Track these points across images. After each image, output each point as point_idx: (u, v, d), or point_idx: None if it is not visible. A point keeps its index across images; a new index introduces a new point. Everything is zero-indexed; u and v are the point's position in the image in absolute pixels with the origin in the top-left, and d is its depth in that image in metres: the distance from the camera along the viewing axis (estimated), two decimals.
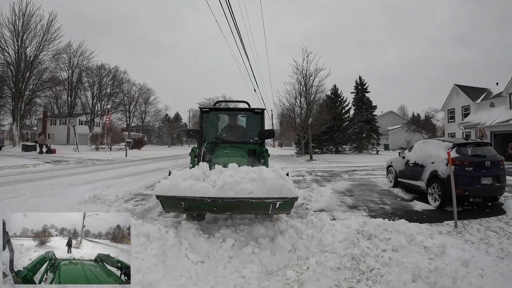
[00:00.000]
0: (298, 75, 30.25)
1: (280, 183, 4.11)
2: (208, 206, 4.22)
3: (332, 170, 17.87)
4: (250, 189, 4.10)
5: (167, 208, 4.47)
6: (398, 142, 49.27)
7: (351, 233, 3.72)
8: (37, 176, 13.39)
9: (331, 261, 3.25)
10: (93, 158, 26.14)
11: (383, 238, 3.38)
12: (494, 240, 5.29)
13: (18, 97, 40.33)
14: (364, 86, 41.59)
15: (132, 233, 3.38)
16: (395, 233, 3.45)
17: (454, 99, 33.97)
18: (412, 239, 3.34)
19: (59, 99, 61.22)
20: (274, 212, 4.36)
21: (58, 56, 46.34)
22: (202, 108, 7.32)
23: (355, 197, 9.10)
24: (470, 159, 7.47)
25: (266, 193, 4.08)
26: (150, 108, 72.04)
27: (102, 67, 60.29)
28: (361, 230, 3.62)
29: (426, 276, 2.90)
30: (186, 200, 4.11)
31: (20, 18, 39.38)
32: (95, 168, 18.12)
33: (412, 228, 3.61)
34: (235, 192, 4.10)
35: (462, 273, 3.00)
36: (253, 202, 4.12)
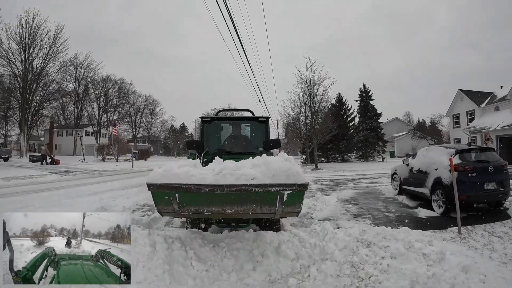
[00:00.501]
0: (302, 84, 30.38)
1: (286, 166, 3.69)
2: (206, 198, 3.75)
3: (338, 179, 17.86)
4: (253, 174, 3.68)
5: (159, 205, 3.92)
6: (404, 149, 49.02)
7: (351, 241, 3.78)
8: (45, 187, 13.57)
9: (332, 269, 3.33)
10: (99, 169, 26.38)
11: (382, 245, 3.45)
12: (498, 245, 5.28)
13: (25, 109, 40.76)
14: (368, 93, 41.70)
15: (139, 242, 3.47)
16: (393, 240, 3.52)
17: (458, 104, 33.89)
18: (410, 246, 3.41)
19: (65, 110, 61.95)
20: (282, 209, 3.81)
21: (65, 68, 46.83)
22: (203, 118, 6.99)
23: (359, 206, 9.11)
24: (473, 165, 7.48)
25: (271, 179, 3.63)
26: (156, 119, 72.65)
27: (108, 78, 60.98)
28: (360, 238, 3.69)
29: (424, 282, 2.96)
30: (180, 190, 3.64)
31: (27, 30, 39.99)
32: (101, 179, 18.29)
33: (411, 235, 3.68)
34: (235, 178, 3.67)
35: (461, 279, 3.05)
36: (257, 192, 3.62)
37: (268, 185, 3.55)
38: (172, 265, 3.72)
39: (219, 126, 7.14)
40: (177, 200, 3.72)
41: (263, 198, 3.73)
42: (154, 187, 3.62)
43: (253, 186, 3.57)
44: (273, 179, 3.59)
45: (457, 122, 34.32)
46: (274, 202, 3.70)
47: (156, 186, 3.62)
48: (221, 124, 7.20)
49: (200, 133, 6.86)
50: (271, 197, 3.67)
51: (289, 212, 3.99)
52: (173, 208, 3.85)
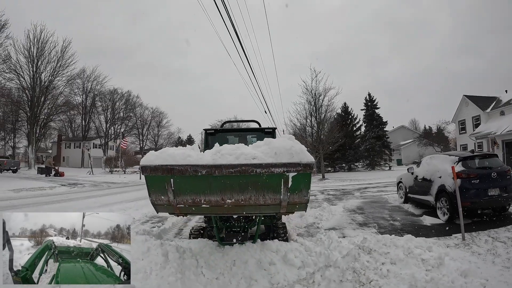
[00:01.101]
0: (307, 95, 30.68)
1: (289, 144, 3.46)
2: (203, 183, 3.48)
3: (344, 189, 17.86)
4: (253, 153, 3.43)
5: (153, 194, 3.63)
6: (411, 156, 48.68)
7: (354, 248, 3.94)
8: (55, 199, 13.85)
9: (335, 275, 3.49)
10: (108, 181, 26.65)
11: (382, 252, 3.60)
12: (502, 250, 5.34)
13: (34, 121, 41.41)
14: (373, 102, 41.86)
15: (152, 252, 3.64)
16: (393, 247, 3.67)
17: (464, 110, 33.76)
18: (410, 252, 3.56)
19: (73, 123, 62.75)
20: (288, 197, 3.48)
21: (72, 81, 47.57)
22: (207, 130, 6.78)
23: (365, 215, 9.18)
24: (476, 172, 7.58)
25: (273, 158, 3.36)
26: (163, 131, 73.19)
27: (115, 91, 61.48)
28: (362, 246, 3.84)
29: (423, 286, 3.09)
30: (176, 172, 3.39)
31: (35, 44, 40.74)
32: (110, 191, 18.56)
33: (411, 242, 3.81)
34: (234, 157, 3.42)
35: (460, 283, 3.17)
36: (258, 175, 3.34)
37: (270, 164, 3.31)
38: (184, 273, 3.89)
39: (225, 138, 6.87)
40: (172, 186, 3.47)
41: (265, 182, 3.43)
42: (148, 170, 3.42)
43: (254, 166, 3.31)
44: (276, 158, 3.35)
45: (463, 128, 34.18)
46: (278, 188, 3.42)
47: (151, 168, 3.41)
48: (226, 136, 6.98)
49: (204, 145, 6.71)
50: (275, 181, 3.39)
51: (296, 202, 3.60)
52: (168, 198, 3.59)
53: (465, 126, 33.57)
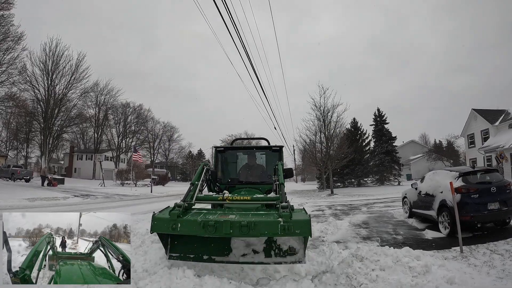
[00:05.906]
0: (316, 111, 30.98)
1: None
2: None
3: (352, 204, 17.93)
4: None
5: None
6: (421, 171, 48.10)
7: (348, 256, 4.29)
8: (68, 209, 14.08)
9: (330, 279, 3.86)
10: (119, 193, 27.04)
11: (373, 260, 3.96)
12: (498, 262, 5.50)
13: (47, 132, 42.18)
14: (382, 117, 41.84)
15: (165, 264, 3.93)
16: (383, 255, 4.02)
17: (472, 123, 33.69)
18: (398, 260, 3.90)
19: (85, 135, 63.58)
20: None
21: (86, 94, 48.27)
22: (217, 147, 7.06)
23: (370, 229, 9.38)
24: (475, 186, 7.81)
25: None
26: (174, 145, 73.84)
27: (127, 105, 62.37)
28: (355, 254, 4.20)
29: None
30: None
31: (50, 57, 41.70)
32: (123, 203, 18.94)
33: (400, 251, 4.14)
34: None
35: None
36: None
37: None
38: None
39: (234, 155, 7.19)
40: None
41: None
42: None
43: None
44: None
45: (472, 142, 34.08)
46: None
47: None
48: (236, 153, 7.26)
49: (214, 162, 6.97)
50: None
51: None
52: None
53: (474, 139, 33.49)
